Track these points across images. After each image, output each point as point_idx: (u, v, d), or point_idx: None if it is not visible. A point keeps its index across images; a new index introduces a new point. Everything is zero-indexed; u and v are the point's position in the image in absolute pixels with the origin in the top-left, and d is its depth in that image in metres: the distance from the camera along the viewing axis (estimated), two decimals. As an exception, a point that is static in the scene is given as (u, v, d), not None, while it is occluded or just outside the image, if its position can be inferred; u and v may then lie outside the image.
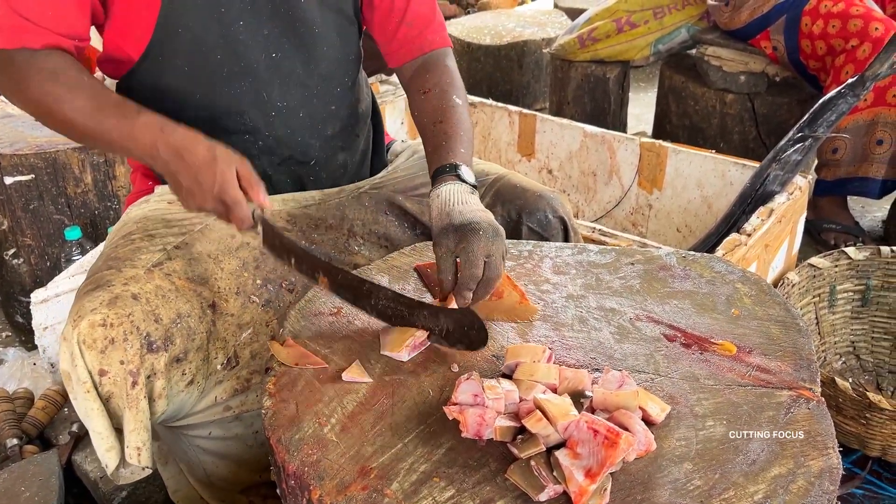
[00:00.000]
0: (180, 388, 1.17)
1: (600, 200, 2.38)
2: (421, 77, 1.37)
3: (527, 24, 3.94)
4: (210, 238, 1.26)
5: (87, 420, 1.11)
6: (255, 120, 1.30)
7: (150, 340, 1.10)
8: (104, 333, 1.07)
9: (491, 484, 0.83)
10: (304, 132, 1.35)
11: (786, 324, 1.07)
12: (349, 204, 1.42)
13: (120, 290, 1.11)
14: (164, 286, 1.15)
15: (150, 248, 1.21)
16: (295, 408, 0.96)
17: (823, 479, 0.81)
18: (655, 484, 0.82)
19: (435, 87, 1.34)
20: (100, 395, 1.09)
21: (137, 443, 1.12)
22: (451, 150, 1.23)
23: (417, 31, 1.37)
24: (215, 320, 1.21)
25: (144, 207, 1.32)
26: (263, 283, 1.28)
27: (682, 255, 1.25)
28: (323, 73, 1.34)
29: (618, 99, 3.21)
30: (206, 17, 1.21)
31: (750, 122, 2.76)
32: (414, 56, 1.39)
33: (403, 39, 1.38)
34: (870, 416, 1.50)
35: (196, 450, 1.32)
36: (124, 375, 1.08)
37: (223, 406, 1.25)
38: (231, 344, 1.23)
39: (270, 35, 1.27)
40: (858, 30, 2.34)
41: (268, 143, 1.33)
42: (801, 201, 1.88)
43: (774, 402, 0.93)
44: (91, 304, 1.08)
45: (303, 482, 0.86)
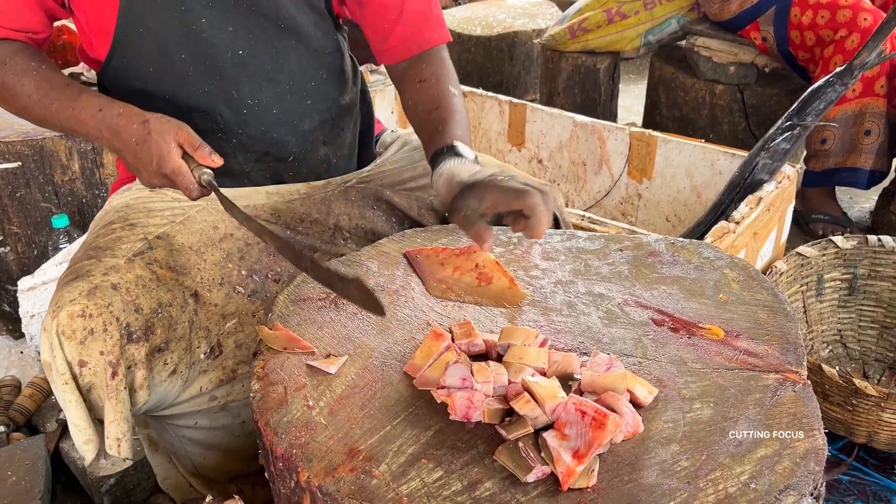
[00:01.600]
0: (162, 377, 1.16)
1: (590, 190, 2.39)
2: (416, 68, 1.33)
3: (517, 15, 3.93)
4: (192, 230, 1.25)
5: (66, 411, 1.10)
6: (227, 118, 1.28)
7: (130, 331, 1.10)
8: (83, 324, 1.06)
9: (479, 465, 0.83)
10: (278, 128, 1.32)
11: (773, 308, 1.08)
12: (335, 198, 1.39)
13: (100, 279, 1.10)
14: (145, 276, 1.15)
15: (131, 237, 1.20)
16: (283, 391, 0.95)
17: (809, 460, 0.82)
18: (643, 465, 0.82)
19: (430, 78, 1.31)
20: (79, 386, 1.09)
21: (117, 434, 1.11)
22: (448, 134, 1.21)
23: (415, 29, 1.32)
24: (197, 309, 1.20)
25: (126, 196, 1.30)
26: (249, 273, 1.27)
27: (670, 242, 1.26)
28: (293, 68, 1.30)
29: (608, 90, 3.21)
30: (168, 17, 1.19)
31: (739, 113, 2.77)
32: (412, 55, 1.34)
33: (400, 38, 1.32)
34: (856, 403, 1.51)
35: (182, 440, 1.31)
36: (104, 366, 1.07)
37: (208, 396, 1.25)
38: (214, 333, 1.22)
39: (236, 31, 1.23)
40: (847, 20, 2.35)
41: (242, 141, 1.30)
42: (789, 190, 1.89)
43: (761, 385, 0.93)
44: (70, 294, 1.07)
45: (291, 464, 0.86)
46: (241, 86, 1.27)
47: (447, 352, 0.97)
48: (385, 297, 1.13)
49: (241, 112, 1.28)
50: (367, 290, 0.92)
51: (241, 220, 1.12)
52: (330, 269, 0.99)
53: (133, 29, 1.19)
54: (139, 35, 1.19)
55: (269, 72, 1.28)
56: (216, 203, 1.27)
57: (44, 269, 1.75)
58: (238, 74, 1.26)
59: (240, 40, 1.24)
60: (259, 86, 1.28)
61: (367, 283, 0.98)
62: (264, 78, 1.28)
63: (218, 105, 1.27)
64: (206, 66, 1.23)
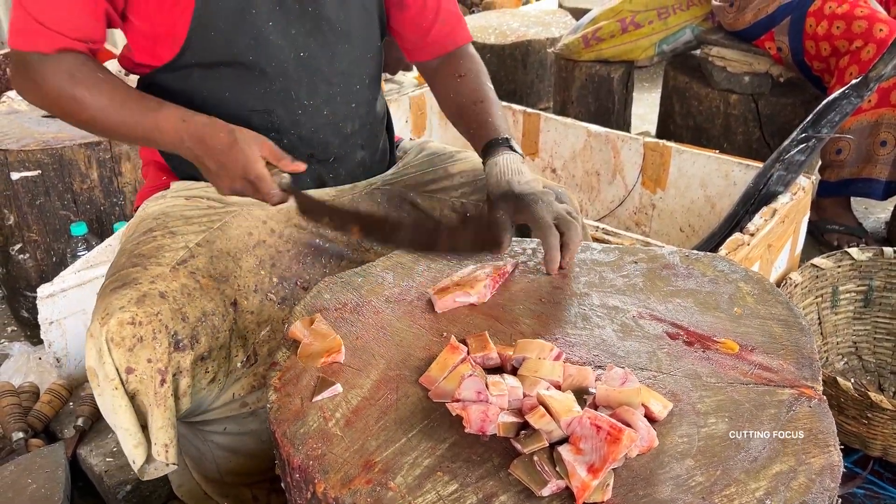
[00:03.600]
0: (202, 385, 1.18)
1: (604, 200, 2.39)
2: (453, 63, 1.46)
3: (531, 24, 3.94)
4: (228, 235, 1.28)
5: (113, 416, 1.12)
6: (283, 118, 1.32)
7: (178, 339, 1.12)
8: (133, 332, 1.08)
9: (494, 479, 0.84)
10: (326, 129, 1.38)
11: (788, 322, 1.08)
12: (361, 200, 1.44)
13: (147, 287, 1.12)
14: (190, 284, 1.17)
15: (173, 245, 1.22)
16: (300, 402, 0.96)
17: (824, 477, 0.82)
18: (657, 480, 0.83)
19: (469, 72, 1.44)
20: (126, 392, 1.10)
21: (165, 440, 1.13)
22: (499, 126, 1.34)
23: (449, 28, 1.46)
24: (237, 318, 1.22)
25: (162, 203, 1.33)
26: (280, 280, 1.29)
27: (685, 254, 1.26)
28: (344, 71, 1.36)
29: (622, 99, 3.22)
30: (238, 20, 1.23)
31: (754, 123, 2.76)
32: (446, 52, 1.47)
33: (437, 36, 1.45)
34: (871, 416, 1.50)
35: (210, 445, 1.33)
36: (151, 373, 1.09)
37: (240, 402, 1.27)
38: (251, 342, 1.25)
39: (298, 34, 1.29)
40: (863, 31, 2.34)
41: (292, 141, 1.35)
42: (804, 202, 1.88)
43: (776, 400, 0.93)
44: (119, 301, 1.09)
45: (307, 476, 0.86)
46: (300, 86, 1.32)
47: (462, 364, 0.97)
48: (400, 308, 1.14)
49: (297, 112, 1.33)
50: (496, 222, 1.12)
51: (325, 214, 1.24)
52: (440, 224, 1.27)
53: (205, 32, 1.23)
54: (210, 38, 1.23)
55: (325, 74, 1.34)
56: (251, 208, 1.32)
57: (63, 276, 1.77)
58: (299, 76, 1.31)
59: (301, 43, 1.30)
60: (316, 87, 1.34)
61: None
62: (321, 79, 1.34)
63: (276, 105, 1.31)
64: (271, 67, 1.28)
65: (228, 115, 1.27)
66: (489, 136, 1.32)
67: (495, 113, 1.37)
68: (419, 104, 2.53)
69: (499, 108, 1.39)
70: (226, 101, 1.29)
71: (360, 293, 1.18)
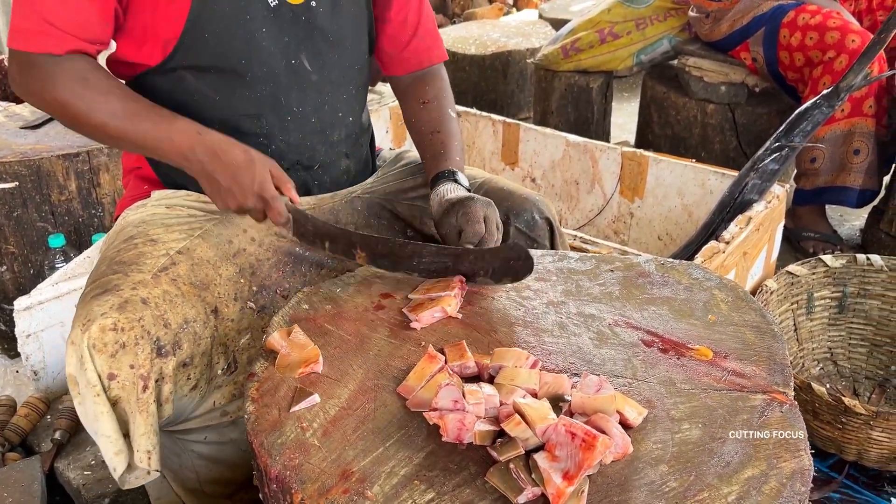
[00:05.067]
0: (184, 392, 1.18)
1: (583, 209, 2.41)
2: (420, 88, 1.49)
3: (511, 35, 3.97)
4: (209, 243, 1.27)
5: (94, 423, 1.11)
6: (272, 124, 1.34)
7: (160, 345, 1.12)
8: (115, 338, 1.07)
9: (471, 487, 0.84)
10: (313, 137, 1.39)
11: (761, 329, 1.10)
12: (342, 209, 1.46)
13: (129, 294, 1.12)
14: (171, 291, 1.17)
15: (154, 252, 1.22)
16: (277, 413, 0.97)
17: (795, 481, 0.83)
18: (632, 486, 0.84)
19: (433, 100, 1.47)
20: (108, 398, 1.09)
21: (148, 447, 1.12)
22: (448, 158, 1.38)
23: (426, 46, 1.49)
24: (217, 325, 1.22)
25: (142, 212, 1.32)
26: (259, 289, 1.29)
27: (660, 263, 1.27)
28: (334, 80, 1.39)
29: (601, 109, 3.25)
30: (232, 24, 1.25)
31: (730, 132, 2.80)
32: (420, 67, 1.50)
33: (413, 51, 1.48)
34: (846, 421, 1.52)
35: (190, 454, 1.33)
36: (134, 380, 1.09)
37: (220, 411, 1.26)
38: (231, 349, 1.24)
39: (290, 42, 1.31)
40: (835, 42, 2.38)
41: (279, 148, 1.36)
42: (778, 209, 1.91)
43: (749, 406, 0.95)
44: (101, 307, 1.09)
45: (285, 486, 0.86)
46: (290, 93, 1.34)
47: (440, 373, 0.98)
48: (378, 317, 1.14)
49: (286, 119, 1.35)
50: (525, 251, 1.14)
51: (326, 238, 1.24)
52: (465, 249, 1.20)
53: (198, 35, 1.23)
54: (203, 41, 1.24)
55: (315, 82, 1.36)
56: (231, 216, 1.32)
57: (40, 288, 1.75)
58: (290, 82, 1.33)
59: (294, 50, 1.32)
60: (305, 94, 1.35)
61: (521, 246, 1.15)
62: (311, 88, 1.36)
63: (265, 111, 1.33)
64: (262, 72, 1.29)
65: (217, 119, 1.28)
66: (438, 168, 1.36)
67: (449, 144, 1.41)
68: (399, 115, 2.54)
69: (454, 137, 1.43)
70: (215, 105, 1.30)
71: (338, 303, 1.19)
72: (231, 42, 1.26)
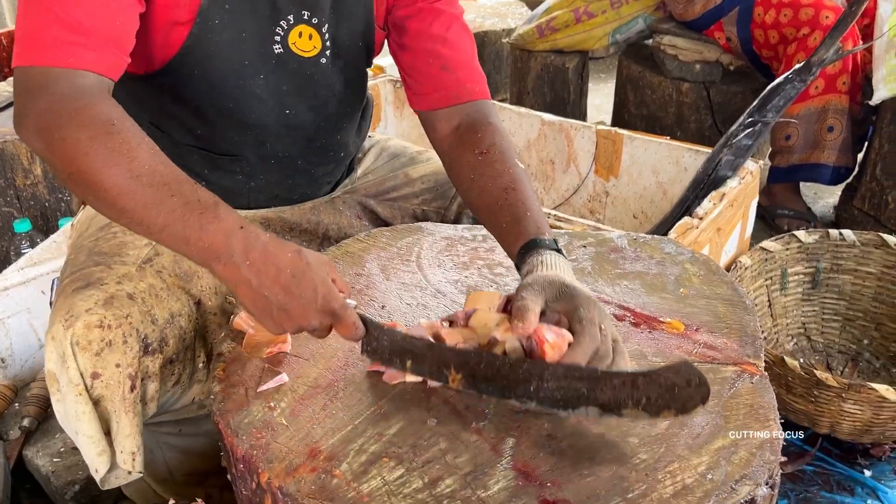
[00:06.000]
0: (167, 388, 1.15)
1: (559, 188, 2.40)
2: (472, 135, 1.19)
3: (487, 15, 3.94)
4: None
5: (76, 423, 1.06)
6: (253, 165, 1.27)
7: (147, 342, 1.07)
8: (101, 335, 1.02)
9: (440, 463, 0.83)
10: (297, 176, 1.33)
11: (732, 302, 1.09)
12: (323, 209, 1.41)
13: (115, 289, 1.07)
14: (157, 284, 1.12)
15: (136, 242, 1.17)
16: (244, 392, 0.95)
17: (764, 450, 0.83)
18: (602, 459, 0.83)
19: (492, 148, 1.16)
20: (91, 397, 1.05)
21: (132, 448, 1.08)
22: (538, 221, 1.05)
23: (456, 79, 1.23)
24: (199, 318, 1.19)
25: None
26: None
27: (633, 238, 1.27)
28: (328, 128, 1.31)
29: (577, 89, 3.24)
30: (226, 68, 1.14)
31: (706, 111, 2.80)
32: (451, 103, 1.23)
33: (441, 85, 1.23)
34: (818, 394, 1.53)
35: (164, 447, 1.30)
36: (120, 379, 1.04)
37: (198, 404, 1.24)
38: (209, 342, 1.21)
39: (289, 92, 1.22)
40: (809, 18, 2.38)
41: (258, 185, 1.30)
42: (752, 185, 1.91)
43: (720, 378, 0.95)
44: (84, 303, 1.03)
45: (251, 466, 0.85)
46: (277, 141, 1.25)
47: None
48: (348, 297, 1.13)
49: (270, 162, 1.28)
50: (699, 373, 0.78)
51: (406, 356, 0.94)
52: None
53: (188, 68, 1.12)
54: (191, 76, 1.13)
55: (307, 131, 1.27)
56: None
57: (5, 274, 1.72)
58: (279, 131, 1.24)
59: (289, 101, 1.22)
60: (294, 141, 1.27)
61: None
62: (301, 136, 1.27)
63: (249, 153, 1.25)
64: (251, 119, 1.20)
65: (195, 147, 1.21)
66: (528, 235, 1.02)
67: (532, 205, 1.07)
68: (374, 95, 2.51)
69: (534, 197, 1.10)
70: (194, 136, 1.21)
71: (307, 282, 1.17)
72: (221, 85, 1.15)
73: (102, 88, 0.94)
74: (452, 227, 1.31)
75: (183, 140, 1.21)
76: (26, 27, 0.93)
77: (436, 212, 1.46)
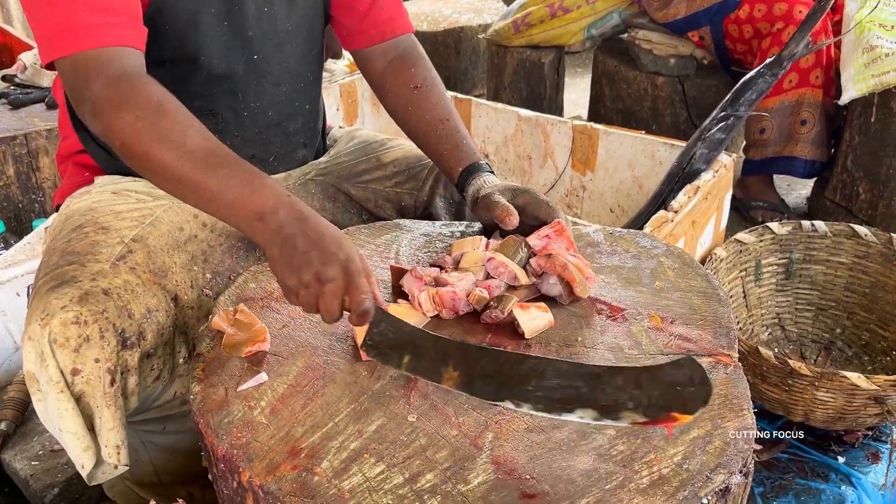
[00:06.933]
0: (148, 383, 1.15)
1: (536, 183, 2.41)
2: (404, 70, 1.37)
3: (463, 11, 3.95)
4: (161, 231, 1.24)
5: (58, 420, 1.06)
6: (227, 120, 1.29)
7: (125, 336, 1.07)
8: (78, 331, 1.03)
9: (420, 458, 0.84)
10: (269, 130, 1.35)
11: (707, 294, 1.11)
12: (295, 192, 1.42)
13: (89, 285, 1.07)
14: (132, 280, 1.12)
15: (108, 240, 1.17)
16: (224, 392, 0.95)
17: (738, 439, 0.85)
18: (580, 450, 0.84)
19: (426, 82, 1.35)
20: (72, 394, 1.05)
21: (116, 441, 1.08)
22: (473, 147, 1.30)
23: (388, 15, 1.38)
24: (178, 313, 1.19)
25: (87, 199, 1.27)
26: (213, 276, 1.27)
27: (609, 232, 1.28)
28: (292, 70, 1.33)
29: (553, 84, 3.25)
30: (194, 17, 1.18)
31: (680, 105, 2.83)
32: (384, 38, 1.38)
33: (374, 21, 1.37)
34: (792, 383, 1.56)
35: (149, 446, 1.30)
36: (100, 374, 1.05)
37: (180, 400, 1.24)
38: (191, 337, 1.21)
39: (254, 36, 1.25)
40: (783, 13, 2.41)
41: (234, 143, 1.29)
42: (726, 178, 1.94)
43: (695, 369, 0.96)
44: (59, 301, 1.04)
45: (232, 465, 0.85)
46: (248, 89, 1.28)
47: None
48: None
49: (242, 114, 1.30)
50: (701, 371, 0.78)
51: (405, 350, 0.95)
52: None
53: (160, 25, 1.16)
54: (163, 33, 1.17)
55: (275, 75, 1.31)
56: (181, 203, 1.25)
57: (-21, 276, 1.70)
58: (248, 78, 1.27)
59: (256, 45, 1.26)
60: (264, 89, 1.30)
61: None
62: (270, 81, 1.30)
63: (222, 107, 1.28)
64: (221, 69, 1.23)
65: None
66: (468, 160, 1.27)
67: (464, 132, 1.31)
68: (350, 92, 2.51)
69: (464, 125, 1.34)
70: None
71: (286, 281, 1.17)
72: (192, 35, 1.20)
73: (142, 65, 1.05)
74: (431, 224, 1.32)
75: None
76: (55, 18, 1.01)
77: (409, 193, 1.47)
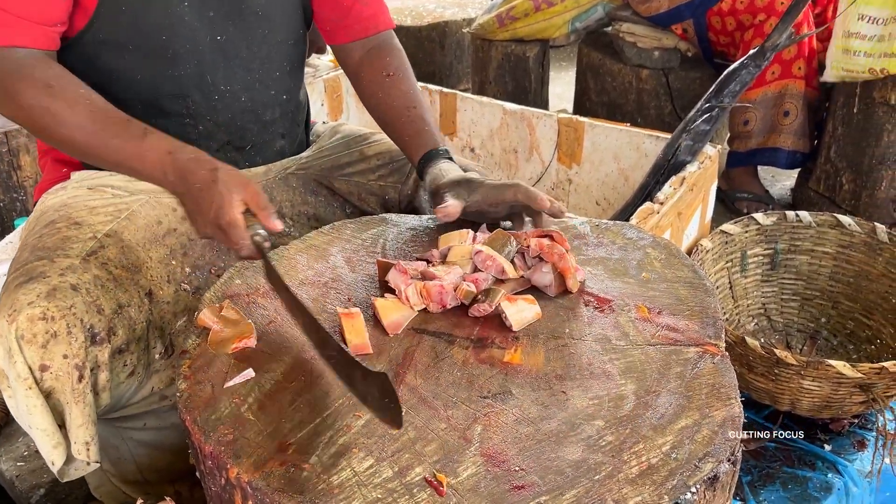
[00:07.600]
0: (121, 379, 1.14)
1: (522, 177, 2.41)
2: (379, 60, 1.41)
3: (447, 5, 3.94)
4: (137, 225, 1.23)
5: (28, 417, 1.06)
6: (198, 103, 1.28)
7: (94, 332, 1.07)
8: (45, 327, 1.02)
9: (409, 451, 0.84)
10: (244, 117, 1.34)
11: (693, 284, 1.11)
12: (276, 185, 1.42)
13: (57, 281, 1.06)
14: (102, 276, 1.12)
15: (80, 236, 1.16)
16: (211, 389, 0.94)
17: (726, 428, 0.85)
18: (569, 442, 0.84)
19: (398, 71, 1.39)
20: (41, 390, 1.05)
21: (86, 438, 1.08)
22: (435, 135, 1.32)
23: (371, 12, 1.41)
24: (152, 309, 1.18)
25: (62, 195, 1.27)
26: (192, 270, 1.26)
27: (595, 224, 1.28)
28: (264, 57, 1.33)
29: (538, 77, 3.25)
30: None
31: (665, 97, 2.84)
32: (367, 34, 1.41)
33: (357, 17, 1.40)
34: (778, 372, 1.57)
35: (130, 443, 1.29)
36: (68, 370, 1.04)
37: (159, 395, 1.23)
38: (167, 332, 1.21)
39: (216, 17, 1.25)
40: (766, 5, 2.42)
41: (208, 128, 1.31)
42: (711, 170, 1.95)
43: (682, 359, 0.96)
44: (27, 296, 1.03)
45: (220, 462, 0.85)
46: (216, 71, 1.28)
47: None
48: (314, 290, 1.12)
49: (213, 98, 1.29)
50: (391, 391, 0.81)
51: (281, 293, 1.02)
52: (356, 360, 0.88)
53: (115, 5, 1.17)
54: (121, 12, 1.17)
55: (244, 59, 1.30)
56: (160, 197, 1.26)
57: (-39, 277, 1.68)
58: (215, 59, 1.27)
59: (219, 26, 1.26)
60: (233, 72, 1.30)
61: (391, 386, 0.82)
62: (239, 65, 1.30)
63: (191, 90, 1.27)
64: (185, 49, 1.23)
65: (140, 101, 1.23)
66: (427, 147, 1.30)
67: (430, 120, 1.34)
68: (334, 87, 2.50)
69: (431, 114, 1.36)
70: (137, 84, 1.24)
71: (272, 276, 1.16)
72: (149, 16, 1.19)
73: (37, 57, 1.11)
74: (417, 218, 1.31)
75: (126, 95, 1.22)
76: None
77: (392, 186, 1.47)
